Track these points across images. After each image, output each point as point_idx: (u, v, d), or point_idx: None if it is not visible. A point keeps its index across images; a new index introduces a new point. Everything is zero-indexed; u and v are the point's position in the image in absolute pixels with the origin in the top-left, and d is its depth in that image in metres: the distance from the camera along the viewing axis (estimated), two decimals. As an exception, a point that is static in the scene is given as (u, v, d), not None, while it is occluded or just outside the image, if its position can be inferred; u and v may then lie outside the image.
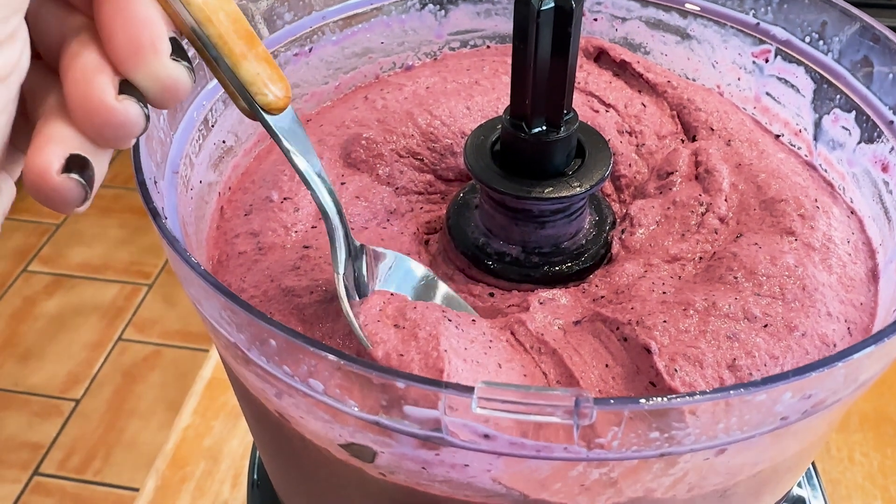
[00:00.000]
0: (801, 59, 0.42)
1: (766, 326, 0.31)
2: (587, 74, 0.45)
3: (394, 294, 0.32)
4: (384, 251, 0.34)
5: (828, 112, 0.41)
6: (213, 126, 0.39)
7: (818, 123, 0.42)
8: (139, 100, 0.22)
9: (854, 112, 0.39)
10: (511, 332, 0.32)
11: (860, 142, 0.39)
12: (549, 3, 0.31)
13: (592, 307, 0.34)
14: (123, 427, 1.38)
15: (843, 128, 0.40)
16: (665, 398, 0.23)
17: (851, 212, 0.39)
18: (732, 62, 0.45)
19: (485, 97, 0.43)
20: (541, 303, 0.34)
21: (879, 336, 0.25)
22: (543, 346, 0.31)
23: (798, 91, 0.42)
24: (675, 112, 0.44)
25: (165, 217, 0.30)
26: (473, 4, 0.48)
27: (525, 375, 0.30)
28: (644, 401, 0.23)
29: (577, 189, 0.34)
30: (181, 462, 0.60)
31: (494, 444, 0.24)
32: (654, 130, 0.43)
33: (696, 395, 0.23)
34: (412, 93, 0.44)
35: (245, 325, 0.26)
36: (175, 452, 0.61)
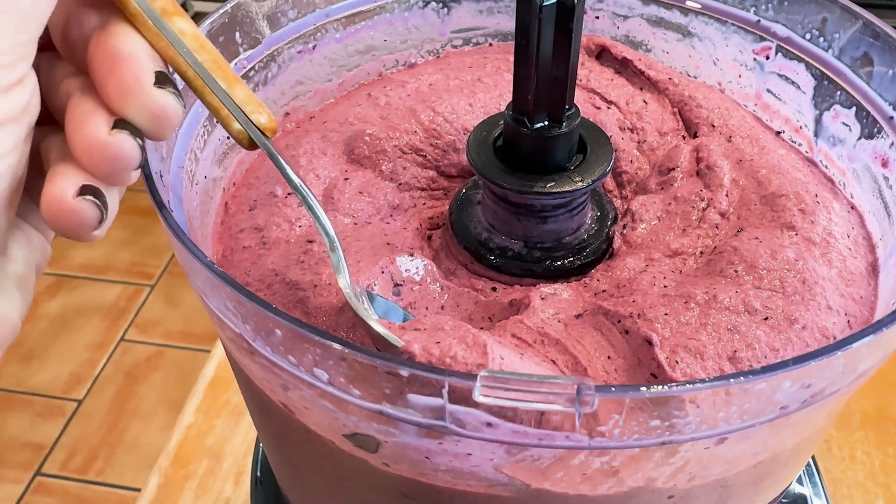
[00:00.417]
0: (802, 56, 0.42)
1: (767, 319, 0.31)
2: (589, 72, 0.45)
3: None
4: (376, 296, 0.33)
5: (828, 108, 0.41)
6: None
7: (819, 120, 0.42)
8: (133, 133, 0.24)
9: (854, 108, 0.40)
10: (512, 335, 0.32)
11: (860, 138, 0.39)
12: (551, 0, 0.31)
13: (594, 301, 0.34)
14: (126, 427, 1.38)
15: (844, 124, 0.40)
16: (666, 386, 0.23)
17: (852, 207, 0.39)
18: (733, 59, 0.45)
19: (487, 94, 0.44)
20: (542, 298, 0.34)
21: (878, 326, 0.25)
22: (546, 338, 0.31)
23: (799, 88, 0.43)
24: (677, 109, 0.44)
25: (171, 210, 0.30)
26: (476, 2, 0.49)
27: (540, 363, 0.30)
28: (645, 388, 0.23)
29: (579, 184, 0.35)
30: (184, 460, 0.61)
31: (497, 433, 0.25)
32: (656, 127, 0.43)
33: (697, 384, 0.23)
34: (415, 90, 0.44)
35: (250, 316, 0.26)
36: (178, 451, 0.61)
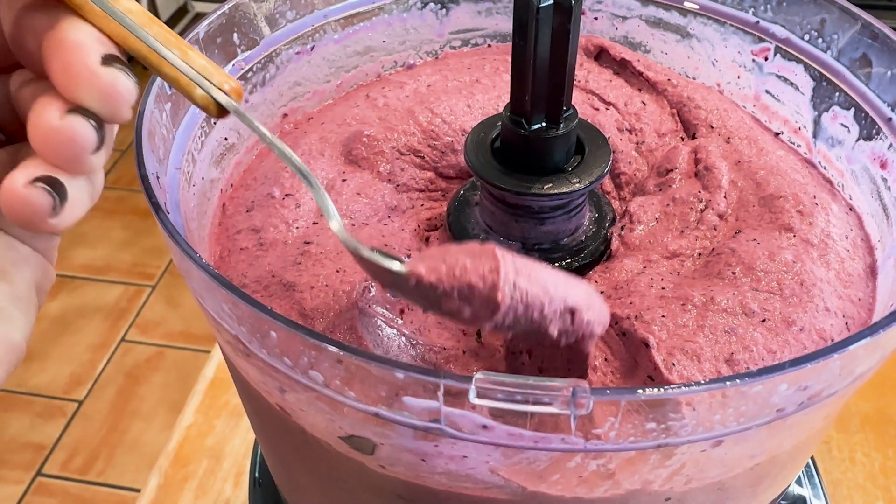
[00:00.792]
0: (801, 57, 0.42)
1: (764, 321, 0.31)
2: (588, 73, 0.45)
3: None
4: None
5: (827, 109, 0.41)
6: (216, 123, 0.39)
7: (817, 121, 0.42)
8: (87, 117, 0.24)
9: (853, 109, 0.39)
10: None
11: (859, 139, 0.39)
12: (549, 0, 0.31)
13: (592, 302, 0.34)
14: (126, 428, 1.38)
15: (842, 125, 0.40)
16: (661, 388, 0.23)
17: (850, 208, 0.39)
18: (732, 60, 0.45)
19: (485, 95, 0.44)
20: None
21: (875, 328, 0.25)
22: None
23: (797, 89, 0.42)
24: (675, 110, 0.44)
25: (168, 212, 0.30)
26: (474, 3, 0.49)
27: (556, 272, 0.28)
28: (641, 391, 0.23)
29: (577, 185, 0.34)
30: (184, 461, 0.61)
31: (492, 435, 0.24)
32: (654, 128, 0.43)
33: (693, 386, 0.23)
34: (413, 91, 0.44)
35: (246, 318, 0.26)
36: (177, 451, 0.61)
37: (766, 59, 0.44)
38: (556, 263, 0.36)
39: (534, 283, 0.25)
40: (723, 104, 0.44)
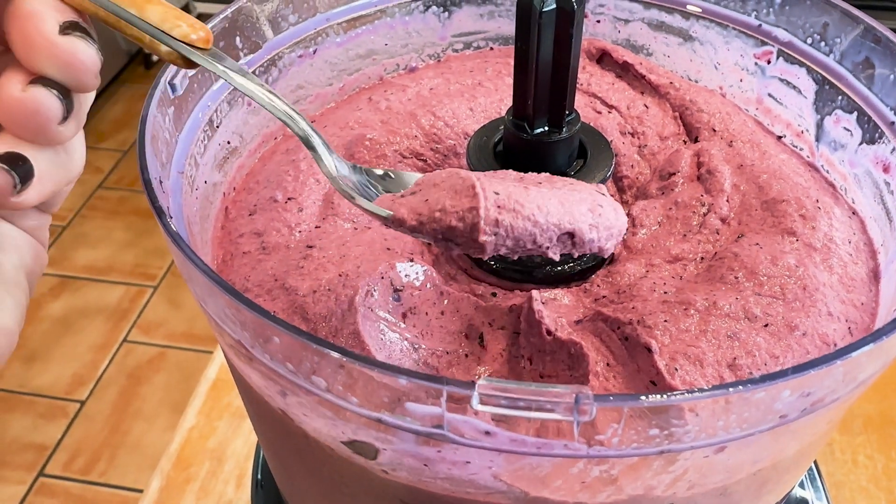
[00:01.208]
0: (803, 61, 0.42)
1: (767, 326, 0.31)
2: (590, 76, 0.45)
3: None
4: (391, 172, 0.31)
5: (829, 113, 0.41)
6: (218, 127, 0.39)
7: (820, 124, 0.42)
8: (49, 87, 0.24)
9: (856, 113, 0.39)
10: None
11: (862, 143, 0.39)
12: (551, 5, 0.31)
13: (594, 307, 0.34)
14: (128, 429, 1.38)
15: (845, 129, 0.40)
16: (664, 395, 0.23)
17: (853, 212, 0.39)
18: (735, 64, 0.45)
19: (488, 98, 0.44)
20: (543, 302, 0.34)
21: (878, 334, 0.25)
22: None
23: (800, 92, 0.42)
24: (678, 113, 0.44)
25: (171, 216, 0.30)
26: (477, 6, 0.49)
27: (546, 201, 0.28)
28: (644, 398, 0.23)
29: (579, 189, 0.34)
30: (185, 463, 0.61)
31: (495, 441, 0.24)
32: (657, 132, 0.43)
33: (696, 393, 0.23)
34: (416, 94, 0.44)
35: (249, 323, 0.26)
36: (179, 453, 0.61)
37: (769, 63, 0.43)
38: (559, 267, 0.36)
39: (519, 217, 0.25)
40: (725, 107, 0.44)
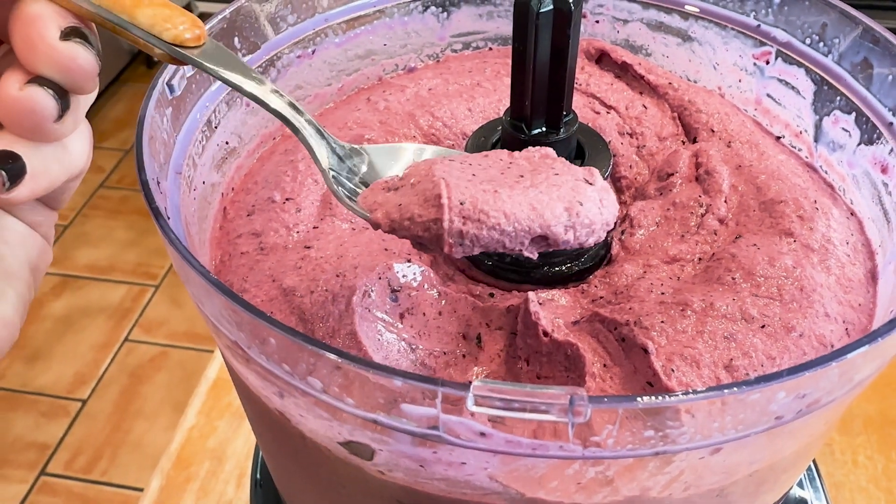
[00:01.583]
0: (802, 61, 0.42)
1: (764, 327, 0.31)
2: (589, 76, 0.45)
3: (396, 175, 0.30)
4: (393, 146, 0.32)
5: (828, 114, 0.41)
6: (217, 127, 0.39)
7: (818, 125, 0.42)
8: (47, 87, 0.24)
9: (854, 114, 0.39)
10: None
11: (860, 143, 0.39)
12: (548, 6, 0.31)
13: (591, 308, 0.34)
14: (129, 428, 1.38)
15: (844, 129, 0.40)
16: (659, 396, 0.23)
17: (851, 213, 0.39)
18: (733, 64, 0.45)
19: (486, 99, 0.44)
20: (540, 303, 0.34)
21: (874, 336, 0.25)
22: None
23: (798, 93, 0.42)
24: (676, 114, 0.44)
25: (168, 217, 0.30)
26: (475, 7, 0.49)
27: (515, 207, 0.28)
28: (639, 399, 0.23)
29: (577, 190, 0.34)
30: (186, 462, 0.61)
31: (490, 442, 0.25)
32: (655, 132, 0.43)
33: (691, 394, 0.23)
34: (414, 94, 0.44)
35: (245, 324, 0.26)
36: (180, 453, 0.61)
37: (768, 63, 0.43)
38: (557, 268, 0.36)
39: (484, 227, 0.25)
40: (724, 108, 0.44)
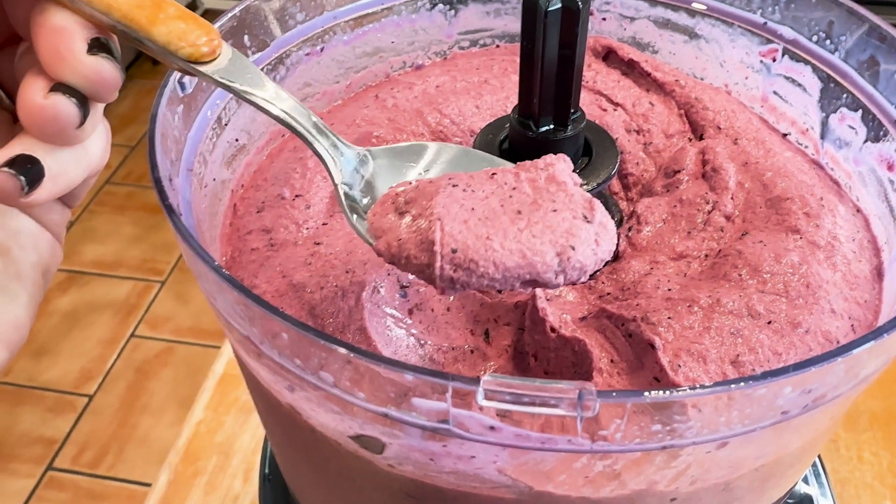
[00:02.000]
0: (809, 59, 0.42)
1: (770, 323, 0.32)
2: (595, 73, 0.46)
3: (409, 182, 0.30)
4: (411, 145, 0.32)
5: (834, 111, 0.41)
6: (227, 125, 0.40)
7: (825, 122, 0.42)
8: (70, 95, 0.25)
9: (860, 111, 0.40)
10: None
11: (866, 140, 0.39)
12: (557, 4, 0.32)
13: (598, 304, 0.34)
14: (136, 423, 1.39)
15: (850, 126, 0.40)
16: (667, 391, 0.23)
17: (857, 210, 0.39)
18: (740, 61, 0.45)
19: (494, 96, 0.44)
20: (547, 299, 0.34)
21: (879, 331, 0.25)
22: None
23: (805, 90, 0.43)
24: (683, 111, 0.44)
25: (180, 214, 0.30)
26: (483, 4, 0.49)
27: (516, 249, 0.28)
28: (647, 394, 0.23)
29: (584, 187, 0.35)
30: (193, 457, 0.61)
31: (500, 436, 0.25)
32: (662, 129, 0.43)
33: (698, 389, 0.23)
34: (422, 92, 0.44)
35: (258, 319, 0.27)
36: (187, 447, 0.62)
37: (774, 61, 0.44)
38: (564, 264, 0.36)
39: (474, 275, 0.26)
40: (730, 105, 0.44)
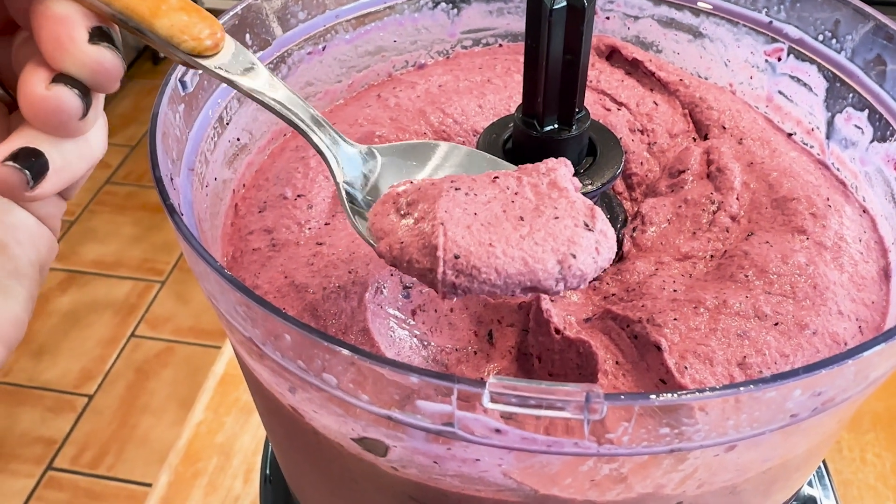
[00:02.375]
0: (814, 58, 0.42)
1: (777, 325, 0.31)
2: (599, 73, 0.45)
3: (411, 182, 0.30)
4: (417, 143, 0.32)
5: (840, 110, 0.41)
6: (228, 124, 0.39)
7: (831, 122, 0.42)
8: (72, 86, 0.25)
9: (867, 110, 0.39)
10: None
11: (873, 140, 0.39)
12: (562, 2, 0.31)
13: (603, 305, 0.34)
14: (136, 423, 1.39)
15: (856, 126, 0.40)
16: (675, 394, 0.23)
17: (864, 210, 0.39)
18: (745, 60, 0.45)
19: (497, 95, 0.44)
20: (552, 300, 0.34)
21: (890, 334, 0.25)
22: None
23: (811, 89, 0.42)
24: (688, 110, 0.44)
25: (182, 213, 0.30)
26: (486, 3, 0.49)
27: (514, 257, 0.28)
28: (654, 396, 0.23)
29: (588, 187, 0.34)
30: (194, 457, 0.61)
31: (505, 439, 0.25)
32: (667, 129, 0.43)
33: (706, 392, 0.23)
34: (425, 91, 0.44)
35: (260, 320, 0.26)
36: (188, 448, 0.61)
37: (779, 60, 0.43)
38: (568, 265, 0.36)
39: (476, 281, 0.26)
40: (735, 105, 0.44)
